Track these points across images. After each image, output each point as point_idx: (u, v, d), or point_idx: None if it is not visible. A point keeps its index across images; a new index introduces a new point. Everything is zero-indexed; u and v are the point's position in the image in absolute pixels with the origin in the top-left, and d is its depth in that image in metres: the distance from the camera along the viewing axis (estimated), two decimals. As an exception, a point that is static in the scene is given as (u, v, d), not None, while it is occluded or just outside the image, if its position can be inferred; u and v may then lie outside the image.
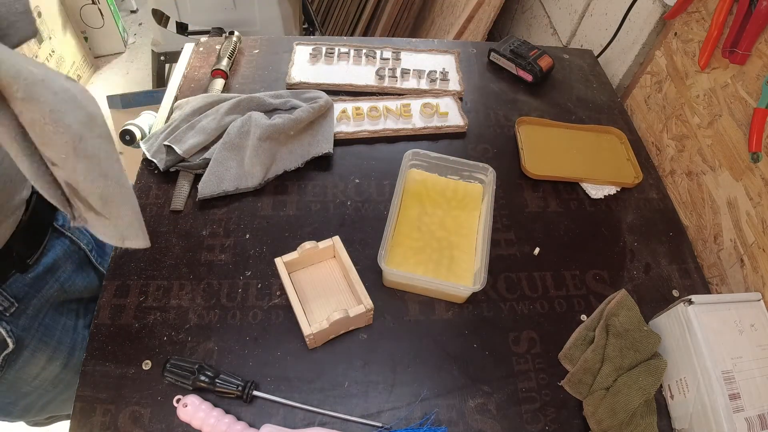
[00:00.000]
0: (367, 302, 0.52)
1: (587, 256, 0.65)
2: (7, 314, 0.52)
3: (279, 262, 0.54)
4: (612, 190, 0.71)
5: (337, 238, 0.57)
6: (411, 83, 0.81)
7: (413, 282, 0.57)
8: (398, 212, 0.63)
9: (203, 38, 0.88)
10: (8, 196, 0.49)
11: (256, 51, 0.85)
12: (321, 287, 0.56)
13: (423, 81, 0.82)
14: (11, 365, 0.55)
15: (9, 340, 0.52)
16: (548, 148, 0.75)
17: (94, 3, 1.93)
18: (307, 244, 0.55)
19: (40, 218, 0.54)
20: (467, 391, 0.52)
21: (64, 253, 0.57)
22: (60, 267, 0.57)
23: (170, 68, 1.75)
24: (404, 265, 0.59)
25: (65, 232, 0.57)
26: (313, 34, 1.93)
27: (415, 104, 0.77)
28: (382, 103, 0.77)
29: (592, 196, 0.71)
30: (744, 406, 0.48)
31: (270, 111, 0.70)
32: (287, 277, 0.53)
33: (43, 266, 0.55)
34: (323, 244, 0.56)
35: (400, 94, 0.80)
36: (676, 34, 0.75)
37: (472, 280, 0.59)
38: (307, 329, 0.50)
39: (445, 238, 0.62)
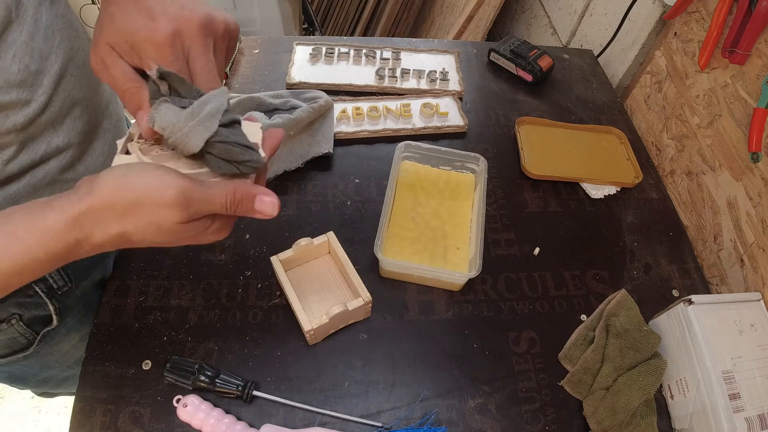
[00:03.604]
0: (365, 295, 0.52)
1: (587, 256, 0.65)
2: (59, 293, 0.54)
3: (275, 260, 0.54)
4: (612, 190, 0.71)
5: (331, 234, 0.57)
6: (411, 83, 0.81)
7: (410, 271, 0.58)
8: (392, 204, 0.63)
9: (203, 38, 0.88)
10: None
11: (256, 51, 0.85)
12: (318, 283, 0.57)
13: (423, 81, 0.82)
14: (47, 341, 0.56)
15: (55, 318, 0.54)
16: (548, 148, 0.75)
17: (93, 3, 1.93)
18: (302, 241, 0.55)
19: None
20: (467, 391, 0.52)
21: None
22: (111, 253, 0.58)
23: (170, 68, 1.75)
24: (400, 255, 0.60)
25: None
26: (313, 34, 1.93)
27: (415, 104, 0.77)
28: (382, 103, 0.77)
29: (592, 196, 0.71)
30: (744, 406, 0.48)
31: (270, 111, 0.70)
32: (284, 275, 0.54)
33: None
34: (318, 240, 0.56)
35: (400, 94, 0.80)
36: (676, 34, 0.75)
37: (467, 268, 0.59)
38: (307, 325, 0.50)
39: (439, 228, 0.63)
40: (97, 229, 0.30)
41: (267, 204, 0.35)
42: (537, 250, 0.64)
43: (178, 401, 0.47)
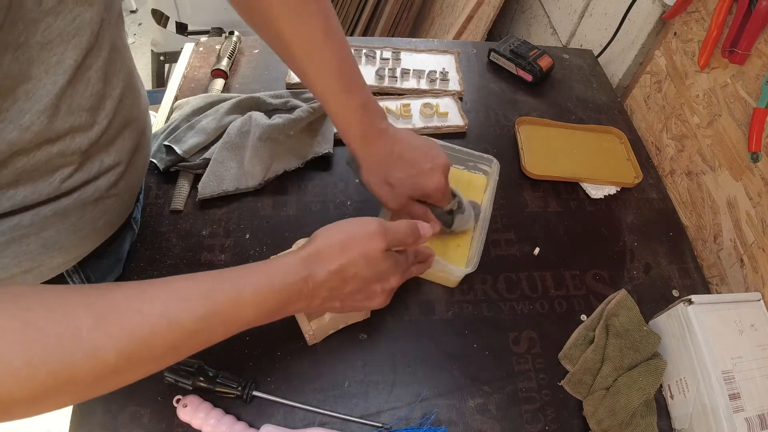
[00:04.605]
0: None
1: (587, 256, 0.65)
2: None
3: None
4: (612, 190, 0.71)
5: None
6: (411, 83, 0.81)
7: None
8: None
9: (203, 38, 0.88)
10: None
11: (256, 51, 0.85)
12: None
13: (423, 81, 0.82)
14: None
15: None
16: (548, 148, 0.75)
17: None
18: (302, 241, 0.55)
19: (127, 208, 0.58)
20: (467, 391, 0.52)
21: (130, 245, 0.59)
22: (125, 256, 0.59)
23: (170, 68, 1.75)
24: None
25: (134, 225, 0.59)
26: (313, 34, 1.93)
27: (415, 104, 0.77)
28: (382, 103, 0.76)
29: (592, 196, 0.71)
30: (744, 406, 0.48)
31: (270, 111, 0.70)
32: None
33: (116, 255, 0.56)
34: None
35: (400, 94, 0.80)
36: (675, 33, 0.75)
37: (465, 265, 0.59)
38: (306, 326, 0.50)
39: None
40: (320, 267, 0.39)
41: (425, 226, 0.46)
42: (537, 250, 0.64)
43: (178, 401, 0.47)
